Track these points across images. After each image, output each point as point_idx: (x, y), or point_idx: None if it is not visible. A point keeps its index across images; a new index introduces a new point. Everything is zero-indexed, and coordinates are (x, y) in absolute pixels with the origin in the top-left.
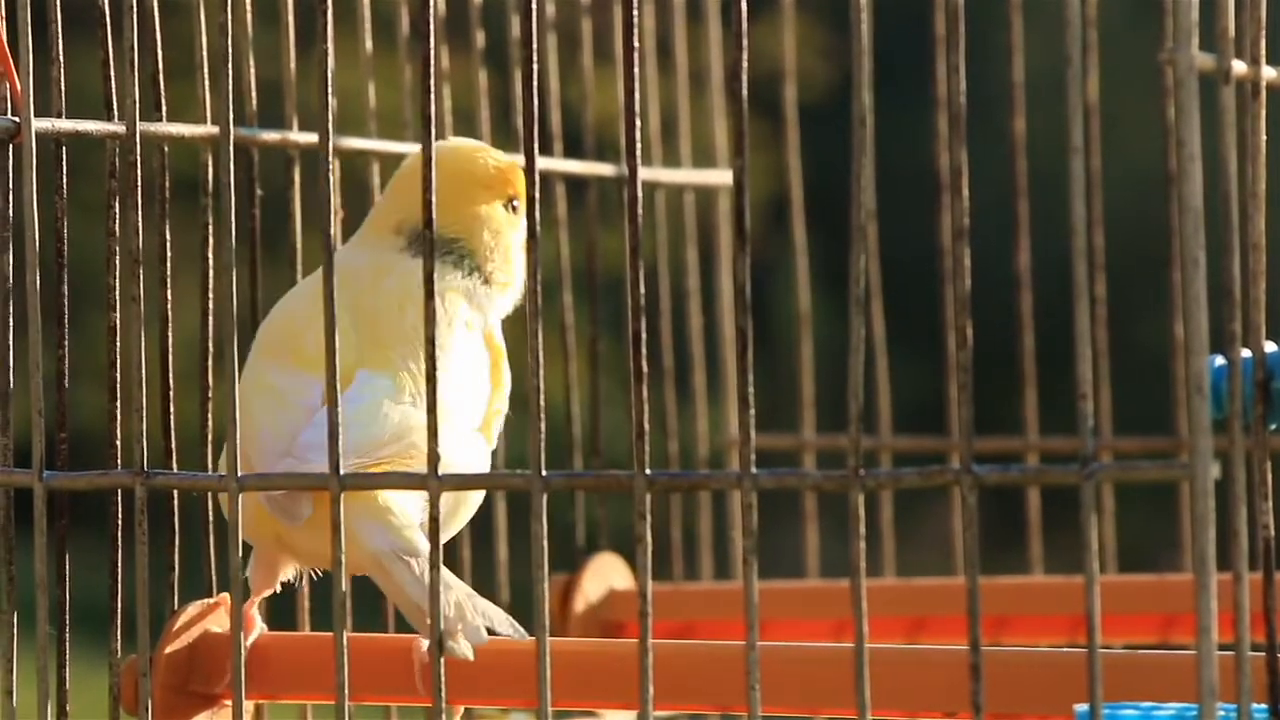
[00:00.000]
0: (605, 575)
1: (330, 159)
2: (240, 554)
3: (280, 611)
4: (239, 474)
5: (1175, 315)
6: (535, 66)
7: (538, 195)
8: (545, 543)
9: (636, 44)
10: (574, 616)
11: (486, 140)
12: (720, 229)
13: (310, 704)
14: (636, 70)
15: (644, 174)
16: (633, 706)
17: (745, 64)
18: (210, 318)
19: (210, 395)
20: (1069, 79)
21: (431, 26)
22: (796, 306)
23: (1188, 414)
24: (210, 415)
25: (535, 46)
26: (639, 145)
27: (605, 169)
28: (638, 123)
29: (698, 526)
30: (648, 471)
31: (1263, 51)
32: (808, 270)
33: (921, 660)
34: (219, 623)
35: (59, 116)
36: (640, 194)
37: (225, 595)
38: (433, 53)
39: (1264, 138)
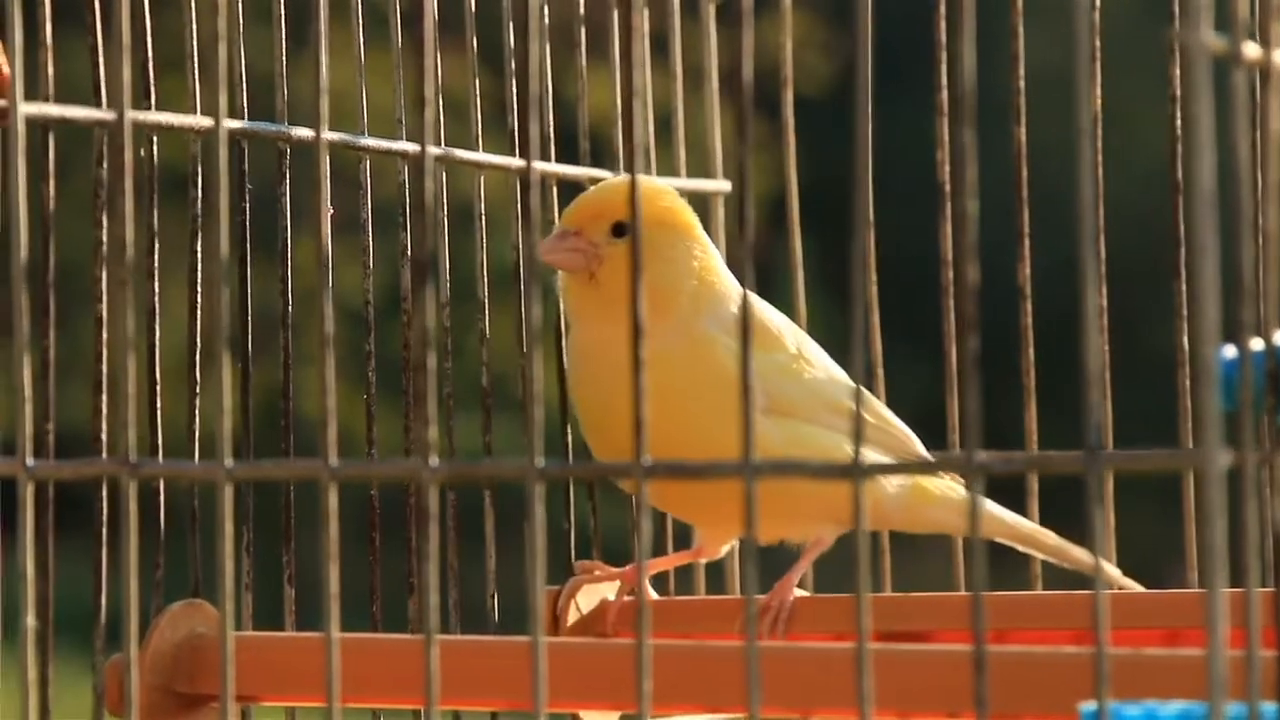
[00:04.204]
0: (597, 588)
1: (323, 154)
2: (230, 549)
3: (266, 611)
4: (229, 464)
5: (1179, 329)
6: (535, 71)
7: (535, 199)
8: (541, 534)
9: (637, 48)
10: (565, 629)
11: (480, 141)
12: (718, 236)
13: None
14: (636, 73)
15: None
16: (630, 707)
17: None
18: (199, 312)
19: (198, 391)
20: (1076, 50)
21: (427, 29)
22: (794, 307)
23: (1196, 402)
24: (198, 411)
25: (535, 53)
26: (637, 155)
27: (602, 174)
28: (636, 134)
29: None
30: (647, 461)
31: (1275, 34)
32: (802, 272)
33: (923, 660)
34: (205, 622)
35: (46, 102)
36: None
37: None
38: (430, 48)
39: (1276, 123)
